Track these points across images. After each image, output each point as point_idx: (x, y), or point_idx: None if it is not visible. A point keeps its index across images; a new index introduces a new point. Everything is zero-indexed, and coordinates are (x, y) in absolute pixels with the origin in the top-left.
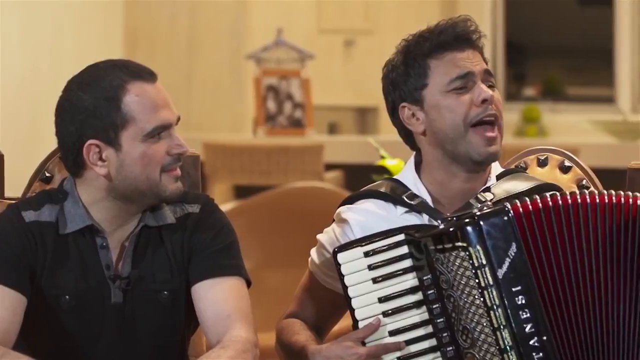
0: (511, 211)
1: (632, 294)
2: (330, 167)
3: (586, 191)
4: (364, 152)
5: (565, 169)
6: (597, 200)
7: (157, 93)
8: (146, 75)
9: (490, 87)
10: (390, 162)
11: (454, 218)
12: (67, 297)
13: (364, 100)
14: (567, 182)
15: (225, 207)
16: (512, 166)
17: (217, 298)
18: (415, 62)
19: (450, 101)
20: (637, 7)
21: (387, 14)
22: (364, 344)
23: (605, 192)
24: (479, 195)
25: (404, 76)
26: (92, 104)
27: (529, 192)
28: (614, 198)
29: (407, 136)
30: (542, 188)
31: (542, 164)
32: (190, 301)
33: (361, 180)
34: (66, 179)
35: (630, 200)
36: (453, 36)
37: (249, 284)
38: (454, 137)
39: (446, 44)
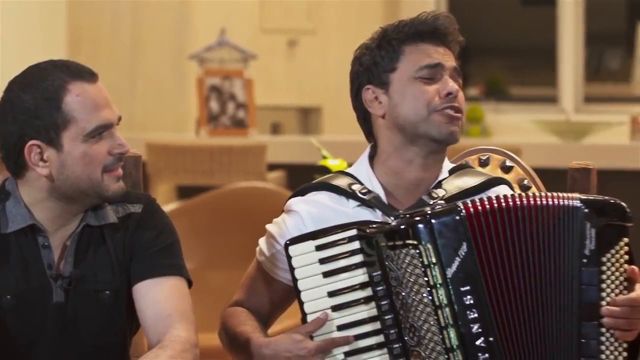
0: (463, 211)
1: (572, 297)
2: (273, 167)
3: (538, 193)
4: (306, 152)
5: (506, 169)
6: (544, 202)
7: (98, 93)
8: (87, 75)
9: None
10: (332, 162)
11: (407, 215)
12: (8, 296)
13: (307, 101)
14: None
15: (168, 207)
16: None
17: (157, 298)
18: (390, 45)
19: (415, 88)
20: (580, 7)
21: (330, 14)
22: (312, 338)
23: (550, 193)
24: (431, 192)
25: (376, 58)
26: (33, 105)
27: (480, 187)
28: (557, 200)
29: (365, 121)
30: (492, 182)
31: (483, 164)
32: (132, 301)
33: (304, 181)
34: (7, 179)
35: (566, 201)
36: (432, 28)
37: (190, 284)
38: (415, 121)
39: (424, 34)
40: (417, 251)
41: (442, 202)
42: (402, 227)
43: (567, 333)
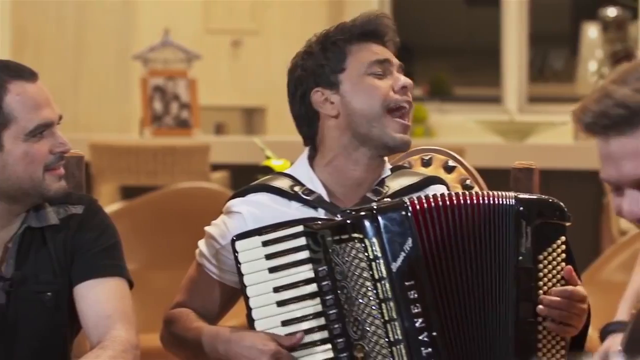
0: (409, 206)
1: (510, 294)
2: (216, 167)
3: (477, 191)
4: (250, 152)
5: (449, 169)
6: (481, 201)
7: (38, 92)
8: (27, 74)
9: None
10: (275, 163)
11: (353, 211)
12: None
13: (250, 101)
14: (451, 182)
15: (111, 207)
16: None
17: (98, 298)
18: (335, 46)
19: (369, 83)
20: (524, 8)
21: (273, 15)
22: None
23: (488, 192)
24: (375, 189)
25: (321, 60)
26: None
27: (419, 184)
28: (492, 199)
29: (311, 124)
30: (430, 180)
31: (426, 164)
32: (73, 302)
33: (247, 181)
34: None
35: (500, 199)
36: (375, 27)
37: (131, 285)
38: (370, 118)
39: (368, 34)
40: (363, 245)
41: (388, 198)
42: (349, 221)
43: (505, 329)
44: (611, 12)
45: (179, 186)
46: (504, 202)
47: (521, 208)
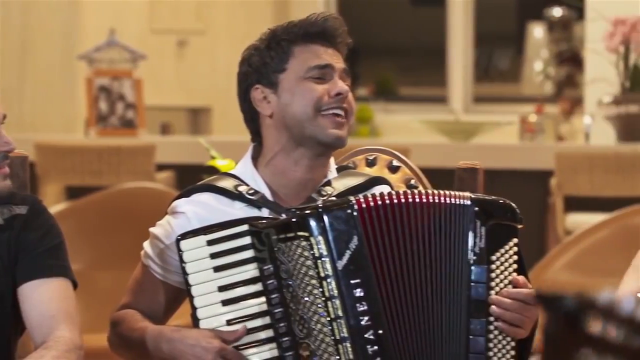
0: (355, 205)
1: (461, 293)
2: (162, 167)
3: (430, 190)
4: (195, 152)
5: (393, 169)
6: (435, 200)
7: None
8: None
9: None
10: (220, 163)
11: (298, 210)
12: None
13: (196, 101)
14: (395, 182)
15: (55, 208)
16: None
17: (42, 298)
18: (280, 46)
19: (305, 87)
20: (470, 8)
21: (219, 15)
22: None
23: (442, 191)
24: (320, 190)
25: (265, 58)
26: None
27: (364, 185)
28: (447, 198)
29: (253, 121)
30: (374, 181)
31: (370, 164)
32: (17, 302)
33: (192, 181)
34: None
35: (456, 199)
36: (321, 29)
37: (75, 285)
38: (302, 120)
39: (313, 35)
40: (308, 243)
41: (333, 198)
42: (294, 220)
43: (456, 328)
44: (557, 12)
45: (124, 186)
46: (460, 202)
47: (476, 208)
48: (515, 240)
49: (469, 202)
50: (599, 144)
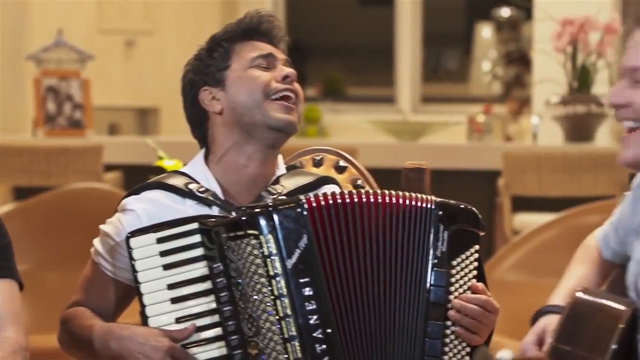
0: (305, 204)
1: (420, 296)
2: (110, 168)
3: (403, 193)
4: (143, 152)
5: (340, 169)
6: (387, 200)
7: None
8: None
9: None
10: (168, 163)
11: (248, 209)
12: None
13: (144, 101)
14: (342, 182)
15: (3, 208)
16: None
17: None
18: (220, 46)
19: (251, 74)
20: (418, 8)
21: (167, 15)
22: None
23: (406, 193)
24: (270, 188)
25: (208, 60)
26: None
27: (313, 184)
28: (411, 200)
29: (202, 125)
30: (323, 180)
31: (317, 164)
32: None
33: (140, 181)
34: None
35: (419, 202)
36: (258, 25)
37: (21, 286)
38: (252, 107)
39: (252, 32)
40: (258, 242)
41: (283, 197)
42: (243, 218)
43: (411, 329)
44: (505, 12)
45: (72, 186)
46: (423, 205)
47: (440, 212)
48: (477, 247)
49: (433, 206)
50: (546, 144)
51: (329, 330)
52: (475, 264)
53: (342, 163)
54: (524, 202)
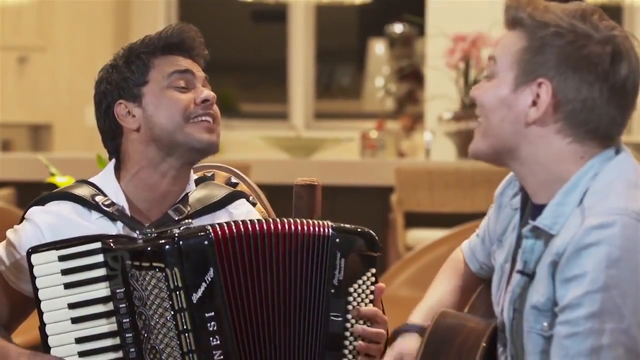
0: (212, 235)
1: (319, 326)
2: (2, 184)
3: (291, 220)
4: (35, 169)
5: (232, 186)
6: (295, 229)
7: None
8: None
9: None
10: (60, 179)
11: (154, 234)
12: None
13: (37, 117)
14: None
15: None
16: None
17: None
18: (139, 59)
19: (170, 96)
20: (311, 24)
21: (60, 31)
22: (49, 352)
23: (303, 220)
24: (177, 206)
25: (125, 73)
26: None
27: (222, 201)
28: (308, 228)
29: (115, 138)
30: (233, 196)
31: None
32: None
33: (33, 198)
34: None
35: (316, 228)
36: (179, 40)
37: None
38: (171, 130)
39: (172, 46)
40: (163, 274)
41: (189, 220)
42: (149, 249)
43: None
44: (398, 28)
45: None
46: (320, 232)
47: (337, 240)
48: (373, 270)
49: (331, 232)
50: (439, 160)
51: None
52: (372, 287)
53: (233, 180)
54: (416, 218)
